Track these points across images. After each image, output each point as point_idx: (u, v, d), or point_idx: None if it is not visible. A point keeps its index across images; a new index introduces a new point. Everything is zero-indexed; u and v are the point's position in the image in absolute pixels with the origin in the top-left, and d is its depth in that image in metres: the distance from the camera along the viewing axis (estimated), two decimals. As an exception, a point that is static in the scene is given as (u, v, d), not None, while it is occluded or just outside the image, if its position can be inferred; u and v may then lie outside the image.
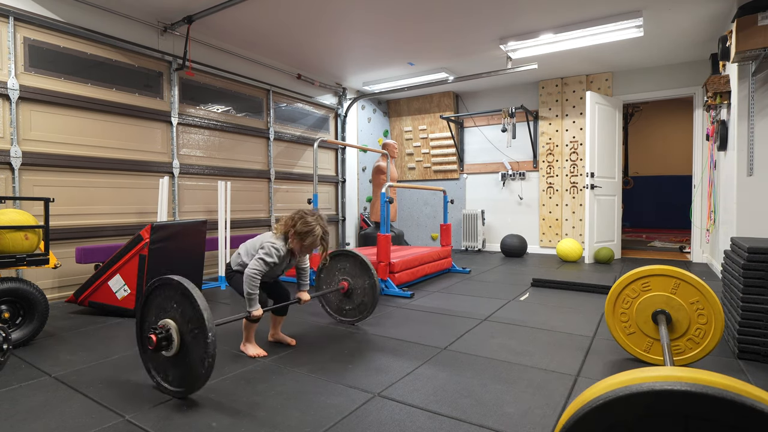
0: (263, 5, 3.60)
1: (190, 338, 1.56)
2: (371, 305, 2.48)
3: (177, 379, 1.63)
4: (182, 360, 1.60)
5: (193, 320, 1.56)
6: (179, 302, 1.61)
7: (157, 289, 1.68)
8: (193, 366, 1.56)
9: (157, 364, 1.69)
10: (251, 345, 2.10)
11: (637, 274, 1.89)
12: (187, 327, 1.57)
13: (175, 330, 1.60)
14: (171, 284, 1.62)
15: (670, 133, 8.92)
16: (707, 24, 3.96)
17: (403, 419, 1.46)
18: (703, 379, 0.66)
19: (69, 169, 3.34)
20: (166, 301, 1.66)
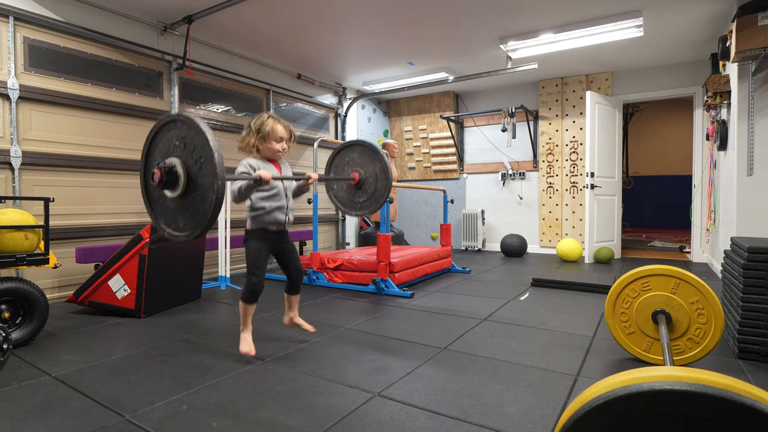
0: (263, 5, 3.60)
1: (197, 170, 1.48)
2: (385, 191, 2.36)
3: (189, 221, 1.55)
4: (190, 197, 1.53)
5: (197, 149, 1.47)
6: (182, 137, 1.52)
7: (160, 131, 1.61)
8: (203, 197, 1.47)
9: (167, 214, 1.62)
10: (246, 336, 2.04)
11: (637, 274, 1.89)
12: (192, 159, 1.49)
13: (180, 165, 1.52)
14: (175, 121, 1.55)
15: (670, 133, 8.92)
16: (707, 24, 3.96)
17: (403, 419, 1.46)
18: (703, 379, 0.66)
19: (69, 169, 3.34)
20: (169, 141, 1.58)
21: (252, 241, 2.05)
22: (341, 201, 2.58)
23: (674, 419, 0.68)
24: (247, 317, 2.06)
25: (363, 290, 3.58)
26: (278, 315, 2.80)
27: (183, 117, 1.57)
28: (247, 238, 2.08)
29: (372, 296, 3.41)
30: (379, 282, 3.45)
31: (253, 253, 2.03)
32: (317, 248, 4.09)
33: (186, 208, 1.56)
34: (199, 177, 1.51)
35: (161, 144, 1.65)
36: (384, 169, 2.37)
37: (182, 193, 1.55)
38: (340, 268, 3.80)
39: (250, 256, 2.03)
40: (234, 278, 4.17)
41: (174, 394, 1.66)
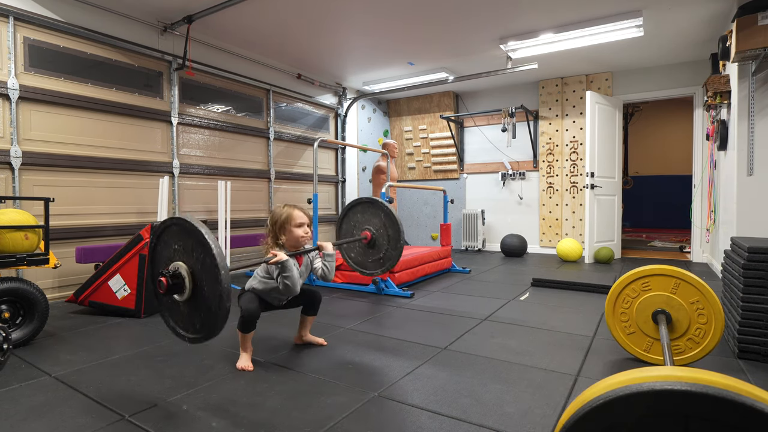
0: (263, 5, 3.60)
1: (203, 277, 1.49)
2: (396, 255, 2.36)
3: (195, 325, 1.56)
4: (197, 302, 1.53)
5: (202, 258, 1.47)
6: (186, 242, 1.53)
7: (163, 232, 1.61)
8: (209, 306, 1.48)
9: (175, 313, 1.63)
10: (244, 355, 1.95)
11: (637, 274, 1.89)
12: (198, 266, 1.49)
13: (186, 271, 1.52)
14: (178, 224, 1.55)
15: (670, 133, 8.92)
16: (707, 24, 3.96)
17: (403, 419, 1.46)
18: (704, 379, 0.66)
19: (69, 169, 3.34)
20: (173, 244, 1.58)
21: (246, 293, 2.01)
22: (359, 264, 2.56)
23: (674, 419, 0.68)
24: (245, 342, 1.96)
25: (363, 290, 3.58)
26: (278, 315, 2.80)
27: (177, 220, 1.55)
28: (241, 294, 2.03)
29: (372, 296, 3.41)
30: (379, 282, 3.45)
31: (245, 299, 1.98)
32: (317, 248, 4.08)
33: (197, 309, 1.56)
34: (203, 276, 1.50)
35: (163, 251, 1.65)
36: (389, 214, 2.34)
37: (190, 296, 1.54)
38: (340, 267, 3.80)
39: (241, 300, 1.97)
40: (234, 278, 4.17)
41: (174, 394, 1.66)
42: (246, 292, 2.02)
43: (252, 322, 1.92)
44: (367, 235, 2.43)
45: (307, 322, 2.19)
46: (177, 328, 1.62)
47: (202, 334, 1.55)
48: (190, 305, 1.56)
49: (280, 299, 2.04)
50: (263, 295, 2.01)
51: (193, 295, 1.53)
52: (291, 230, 1.95)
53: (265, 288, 1.98)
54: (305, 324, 2.20)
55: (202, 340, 1.54)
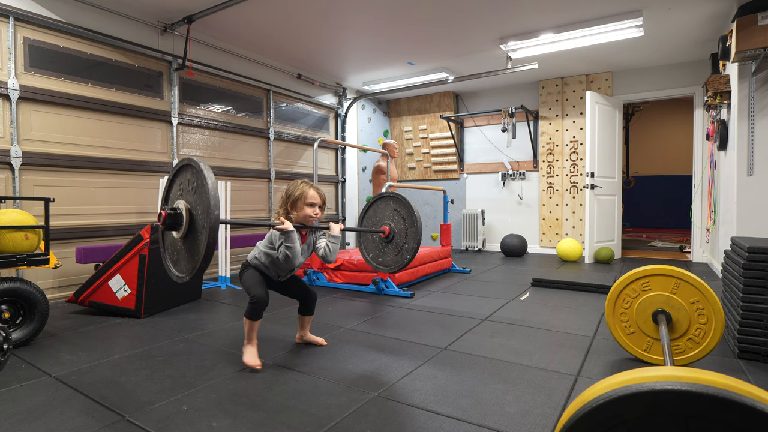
0: (263, 5, 3.60)
1: (197, 216, 1.55)
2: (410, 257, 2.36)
3: (188, 262, 1.62)
4: (191, 238, 1.59)
5: (200, 191, 1.54)
6: (191, 182, 1.60)
7: (179, 171, 1.70)
8: (197, 244, 1.55)
9: (175, 255, 1.70)
10: (250, 349, 1.93)
11: (638, 274, 1.89)
12: (196, 204, 1.56)
13: (185, 209, 1.58)
14: (188, 165, 1.63)
15: (670, 133, 8.92)
16: (707, 24, 3.96)
17: (403, 419, 1.46)
18: (704, 379, 0.66)
19: (69, 169, 3.34)
20: (180, 184, 1.67)
21: (249, 270, 2.05)
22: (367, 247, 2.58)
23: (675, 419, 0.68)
24: (252, 332, 1.95)
25: (363, 290, 3.58)
26: (278, 314, 2.80)
27: (191, 160, 1.63)
28: (243, 269, 2.07)
29: (372, 296, 3.41)
30: (379, 282, 3.45)
31: (249, 278, 2.00)
32: (317, 248, 4.09)
33: (187, 249, 1.63)
34: (198, 218, 1.57)
35: (175, 188, 1.74)
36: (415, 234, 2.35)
37: (185, 234, 1.61)
38: (341, 268, 3.80)
39: (247, 281, 1.99)
40: (234, 279, 4.18)
41: (174, 394, 1.66)
42: (248, 268, 2.05)
43: (262, 308, 1.93)
44: (386, 230, 2.43)
45: (305, 322, 2.21)
46: (171, 266, 1.68)
47: (184, 275, 1.61)
48: (185, 242, 1.62)
49: (278, 273, 2.05)
50: (264, 268, 2.03)
51: (189, 232, 1.60)
52: (302, 207, 1.97)
53: (267, 260, 2.01)
54: (304, 324, 2.21)
55: (188, 278, 1.61)
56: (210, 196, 1.49)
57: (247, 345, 1.95)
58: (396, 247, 2.44)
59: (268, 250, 2.01)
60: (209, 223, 1.48)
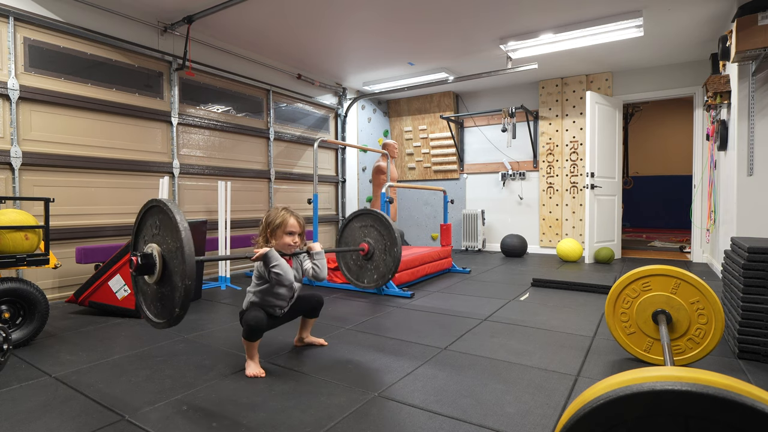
0: (263, 5, 3.60)
1: (172, 261, 1.51)
2: (386, 276, 2.36)
3: (163, 309, 1.58)
4: (164, 287, 1.55)
5: (174, 240, 1.50)
6: (162, 225, 1.55)
7: (147, 213, 1.65)
8: (173, 291, 1.51)
9: (146, 296, 1.66)
10: (253, 362, 1.88)
11: (638, 274, 1.89)
12: (169, 249, 1.52)
13: (158, 252, 1.54)
14: (157, 206, 1.59)
15: (670, 133, 8.92)
16: (707, 24, 3.96)
17: (403, 419, 1.46)
18: (704, 379, 0.66)
19: (69, 169, 3.34)
20: (152, 226, 1.62)
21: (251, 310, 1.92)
22: (347, 266, 2.58)
23: (675, 419, 0.68)
24: (252, 350, 1.89)
25: (363, 290, 3.58)
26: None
27: (160, 202, 1.58)
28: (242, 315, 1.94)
29: (372, 296, 3.41)
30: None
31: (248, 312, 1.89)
32: (317, 248, 4.08)
33: (162, 295, 1.58)
34: (173, 264, 1.52)
35: (145, 229, 1.69)
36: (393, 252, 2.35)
37: (158, 280, 1.57)
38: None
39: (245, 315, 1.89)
40: (234, 279, 4.18)
41: (174, 394, 1.66)
42: (247, 311, 1.94)
43: (258, 330, 1.85)
44: (365, 248, 2.41)
45: (308, 324, 2.18)
46: (147, 311, 1.65)
47: (161, 321, 1.57)
48: (160, 288, 1.58)
49: (280, 305, 1.98)
50: (264, 306, 1.95)
51: (163, 277, 1.56)
52: (281, 236, 1.93)
53: (263, 297, 1.94)
54: (306, 326, 2.19)
55: (166, 326, 1.57)
56: (183, 243, 1.43)
57: (249, 360, 1.90)
58: (376, 265, 2.43)
59: (260, 287, 1.94)
60: (185, 272, 1.42)
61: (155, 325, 1.59)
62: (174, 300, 1.52)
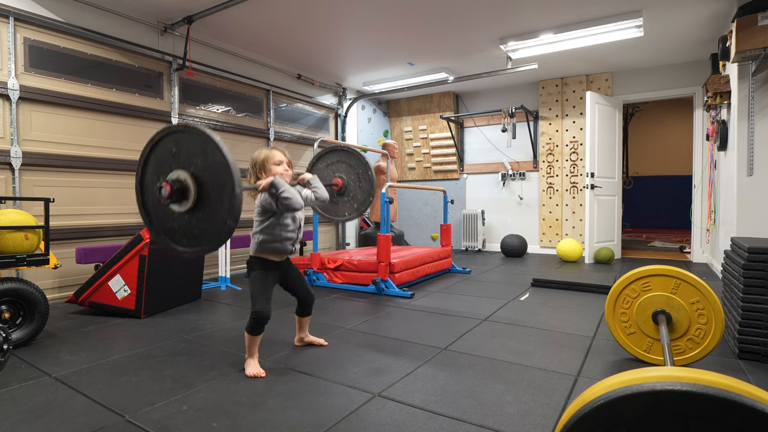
0: (263, 5, 3.60)
1: (208, 178, 1.46)
2: (366, 201, 2.40)
3: (196, 236, 1.53)
4: (200, 210, 1.50)
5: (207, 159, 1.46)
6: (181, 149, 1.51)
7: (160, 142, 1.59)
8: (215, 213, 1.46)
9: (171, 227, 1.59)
10: (253, 362, 1.89)
11: (638, 274, 1.89)
12: (201, 167, 1.47)
13: (188, 175, 1.49)
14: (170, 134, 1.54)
15: (670, 133, 8.92)
16: (707, 24, 3.96)
17: (403, 419, 1.46)
18: (704, 379, 0.66)
19: (69, 169, 3.34)
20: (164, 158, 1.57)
21: (255, 270, 1.97)
22: (323, 208, 2.60)
23: (675, 419, 0.68)
24: (253, 346, 1.91)
25: (363, 291, 3.58)
26: (278, 315, 2.80)
27: (188, 127, 1.54)
28: (250, 267, 1.99)
29: (372, 296, 3.41)
30: (379, 282, 3.45)
31: (256, 282, 1.93)
32: (317, 248, 4.09)
33: (198, 220, 1.52)
34: (211, 188, 1.48)
35: (161, 156, 1.62)
36: (368, 180, 2.38)
37: (193, 205, 1.51)
38: (341, 268, 3.80)
39: (253, 285, 1.94)
40: (234, 279, 4.18)
41: (174, 395, 1.66)
42: (255, 265, 1.97)
43: (264, 324, 1.88)
44: (339, 183, 2.43)
45: (303, 324, 2.19)
46: (178, 246, 1.58)
47: (196, 249, 1.51)
48: (193, 214, 1.52)
49: (290, 237, 1.97)
50: (274, 243, 1.95)
51: (198, 200, 1.50)
52: (270, 168, 1.95)
53: (271, 232, 1.93)
54: (302, 325, 2.20)
55: (206, 251, 1.52)
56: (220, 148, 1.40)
57: (249, 358, 1.91)
58: (353, 195, 2.46)
59: (265, 222, 1.94)
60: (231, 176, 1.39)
61: (192, 253, 1.53)
62: (218, 217, 1.46)
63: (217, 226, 1.49)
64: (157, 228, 1.65)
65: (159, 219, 1.65)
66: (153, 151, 1.64)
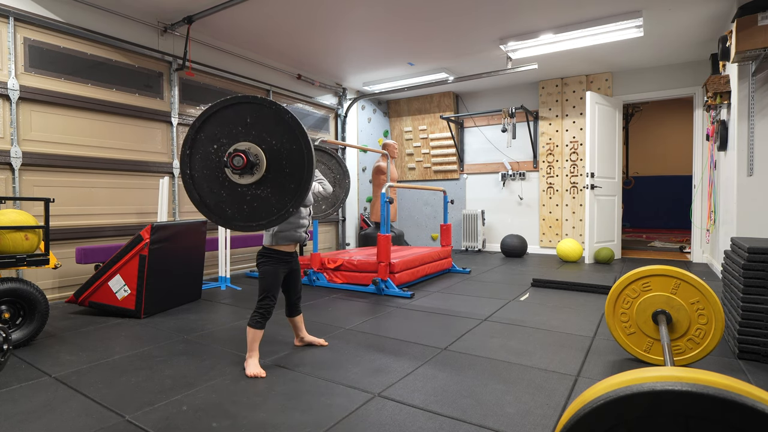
0: (263, 5, 3.60)
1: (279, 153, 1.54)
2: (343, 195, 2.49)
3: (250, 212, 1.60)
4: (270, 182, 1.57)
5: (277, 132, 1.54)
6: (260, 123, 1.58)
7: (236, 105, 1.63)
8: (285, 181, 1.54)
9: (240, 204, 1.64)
10: (253, 361, 1.90)
11: (638, 274, 1.89)
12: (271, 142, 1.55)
13: (257, 147, 1.57)
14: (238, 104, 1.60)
15: (670, 133, 8.92)
16: (707, 24, 3.96)
17: (404, 419, 1.46)
18: (704, 380, 0.66)
19: (69, 169, 3.34)
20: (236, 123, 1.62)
21: (269, 263, 1.97)
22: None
23: (675, 420, 0.68)
24: (255, 343, 1.91)
25: (363, 291, 3.58)
26: (278, 315, 2.80)
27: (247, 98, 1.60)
28: (262, 260, 1.98)
29: (372, 297, 3.41)
30: (379, 282, 3.45)
31: (269, 275, 1.94)
32: (317, 249, 4.09)
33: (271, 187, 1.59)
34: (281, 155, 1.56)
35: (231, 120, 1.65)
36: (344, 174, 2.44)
37: (263, 175, 1.58)
38: (340, 268, 3.80)
39: (265, 278, 1.94)
40: (234, 279, 4.17)
41: (174, 395, 1.66)
42: (268, 258, 1.97)
43: (268, 318, 1.94)
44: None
45: (298, 323, 2.19)
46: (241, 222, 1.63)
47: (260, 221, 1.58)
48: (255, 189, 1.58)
49: (303, 225, 2.01)
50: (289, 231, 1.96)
51: (269, 170, 1.57)
52: None
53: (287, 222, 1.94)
54: (298, 325, 2.19)
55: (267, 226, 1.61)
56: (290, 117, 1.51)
57: (250, 357, 1.91)
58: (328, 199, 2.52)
59: None
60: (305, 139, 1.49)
61: (263, 225, 1.60)
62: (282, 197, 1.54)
63: (276, 206, 1.58)
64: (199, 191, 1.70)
65: (206, 181, 1.70)
66: (219, 113, 1.67)
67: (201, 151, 1.70)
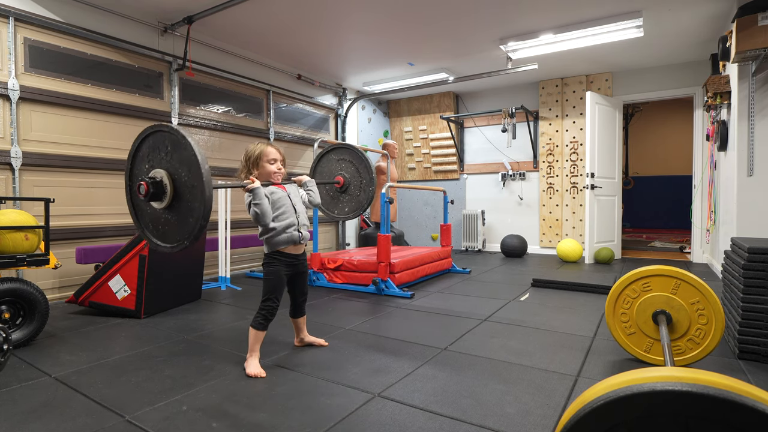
0: (263, 5, 3.60)
1: (183, 181, 1.53)
2: (366, 202, 2.48)
3: (176, 232, 1.60)
4: (177, 208, 1.58)
5: (183, 160, 1.52)
6: (170, 150, 1.57)
7: (144, 141, 1.66)
8: (186, 213, 1.54)
9: (157, 226, 1.68)
10: (253, 361, 1.89)
11: (638, 275, 1.89)
12: (180, 174, 1.54)
13: (167, 177, 1.56)
14: (159, 131, 1.60)
15: (670, 133, 8.92)
16: (707, 24, 3.96)
17: (404, 420, 1.46)
18: (704, 380, 0.66)
19: (69, 169, 3.34)
20: (155, 151, 1.63)
21: (272, 265, 1.96)
22: (322, 200, 2.66)
23: (675, 420, 0.68)
24: (257, 344, 1.91)
25: (363, 291, 3.58)
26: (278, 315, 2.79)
27: (167, 127, 1.61)
28: (266, 261, 1.98)
29: (372, 297, 3.41)
30: (379, 282, 3.45)
31: (272, 277, 1.94)
32: (317, 249, 4.09)
33: (175, 216, 1.61)
34: (185, 188, 1.56)
35: (146, 154, 1.70)
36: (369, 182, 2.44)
37: (169, 202, 1.60)
38: (341, 268, 3.80)
39: (268, 280, 1.94)
40: (234, 279, 4.17)
41: (174, 395, 1.66)
42: (270, 265, 1.96)
43: (271, 320, 1.93)
44: (341, 181, 2.50)
45: (300, 324, 2.18)
46: (157, 242, 1.67)
47: (171, 245, 1.59)
48: (172, 211, 1.60)
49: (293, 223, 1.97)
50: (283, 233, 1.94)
51: (174, 199, 1.58)
52: (263, 165, 1.96)
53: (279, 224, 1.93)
54: (299, 326, 2.19)
55: (167, 250, 1.61)
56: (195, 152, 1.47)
57: (251, 357, 1.90)
58: (349, 199, 2.52)
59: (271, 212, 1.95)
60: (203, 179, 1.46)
61: (170, 249, 1.63)
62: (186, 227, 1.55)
63: (178, 234, 1.59)
64: (140, 222, 1.76)
65: (142, 213, 1.76)
66: (139, 148, 1.73)
67: (138, 167, 1.76)
